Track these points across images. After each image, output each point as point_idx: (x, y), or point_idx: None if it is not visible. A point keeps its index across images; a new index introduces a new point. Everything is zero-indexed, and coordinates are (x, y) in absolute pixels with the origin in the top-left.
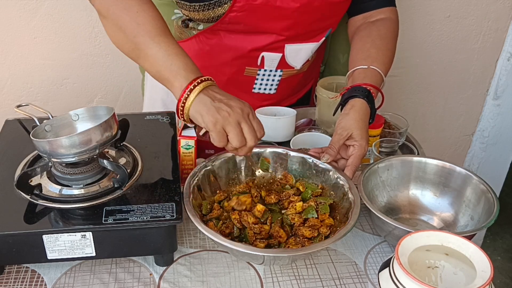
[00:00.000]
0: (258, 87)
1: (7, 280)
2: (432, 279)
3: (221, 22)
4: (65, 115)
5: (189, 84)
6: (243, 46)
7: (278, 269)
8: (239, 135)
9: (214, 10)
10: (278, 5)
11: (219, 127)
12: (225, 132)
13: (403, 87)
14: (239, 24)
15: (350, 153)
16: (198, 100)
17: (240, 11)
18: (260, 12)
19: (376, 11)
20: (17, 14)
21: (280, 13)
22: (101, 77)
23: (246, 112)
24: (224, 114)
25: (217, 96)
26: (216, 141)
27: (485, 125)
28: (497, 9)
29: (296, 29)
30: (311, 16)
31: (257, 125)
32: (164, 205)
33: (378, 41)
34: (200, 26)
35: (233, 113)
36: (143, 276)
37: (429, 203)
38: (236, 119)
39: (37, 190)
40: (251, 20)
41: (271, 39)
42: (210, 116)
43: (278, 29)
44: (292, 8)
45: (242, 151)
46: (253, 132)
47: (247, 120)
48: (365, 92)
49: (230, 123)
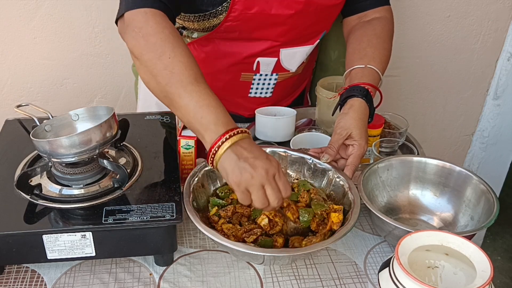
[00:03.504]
0: (254, 92)
1: (7, 280)
2: (432, 279)
3: (216, 31)
4: (65, 115)
5: (218, 139)
6: (239, 52)
7: (278, 269)
8: (261, 197)
9: (209, 21)
10: (273, 12)
11: (243, 188)
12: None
13: (403, 87)
14: (235, 32)
15: (350, 152)
16: (225, 157)
17: (235, 21)
18: (255, 21)
19: (371, 11)
20: (17, 14)
21: (275, 20)
22: (101, 77)
23: (272, 173)
24: (247, 176)
25: (244, 154)
26: (240, 200)
27: (485, 125)
28: (497, 9)
29: (291, 34)
30: (306, 21)
31: (283, 185)
32: (164, 205)
33: (374, 40)
34: (194, 35)
35: (256, 175)
36: (143, 276)
37: (429, 203)
38: (260, 182)
39: (37, 190)
40: (246, 28)
41: (267, 45)
42: (234, 176)
43: (274, 36)
44: (287, 15)
45: (267, 209)
46: (277, 194)
47: (271, 182)
48: (363, 91)
49: (253, 185)
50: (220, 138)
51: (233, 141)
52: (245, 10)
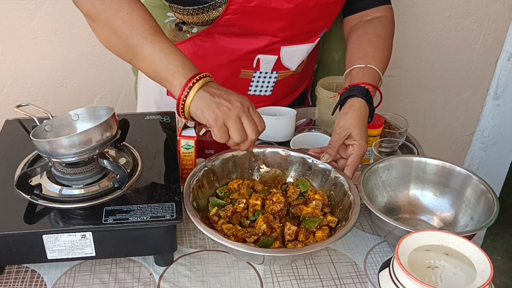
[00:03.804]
0: (253, 89)
1: (7, 280)
2: (432, 279)
3: (215, 25)
4: (65, 115)
5: (188, 81)
6: (238, 48)
7: (278, 269)
8: (239, 129)
9: (208, 14)
10: (273, 6)
11: (220, 122)
12: (226, 127)
13: (403, 87)
14: (234, 27)
15: (350, 152)
16: (198, 97)
17: (234, 14)
18: (255, 14)
19: (371, 10)
20: (17, 14)
21: (275, 14)
22: (101, 77)
23: (246, 106)
24: (224, 109)
25: (216, 92)
26: (218, 137)
27: (485, 125)
28: (497, 9)
29: (291, 30)
30: (306, 17)
31: (258, 118)
32: (164, 205)
33: (374, 40)
34: (194, 29)
35: (233, 108)
36: (143, 276)
37: (429, 203)
38: (237, 114)
39: (37, 190)
40: (245, 22)
41: (266, 41)
42: (210, 111)
43: (273, 31)
44: (287, 9)
45: (244, 145)
46: (254, 125)
47: (247, 114)
48: (363, 91)
49: (231, 118)
50: (190, 80)
51: (203, 82)
52: (245, 3)
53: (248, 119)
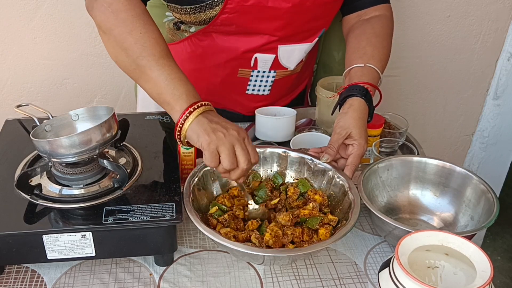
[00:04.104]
0: (251, 89)
1: (7, 280)
2: (432, 279)
3: (213, 24)
4: (65, 115)
5: (189, 106)
6: (236, 47)
7: (278, 269)
8: (231, 156)
9: (205, 13)
10: (270, 5)
11: (213, 147)
12: (218, 153)
13: (403, 87)
14: (231, 26)
15: (350, 152)
16: (196, 122)
17: (231, 13)
18: (252, 13)
19: (370, 9)
20: (17, 14)
21: (272, 13)
22: (101, 77)
23: (242, 136)
24: (219, 135)
25: (214, 119)
26: (208, 161)
27: (485, 125)
28: (497, 9)
29: (289, 29)
30: (303, 16)
31: (252, 150)
32: (164, 205)
33: (373, 39)
34: (192, 29)
35: (228, 135)
36: (143, 276)
37: (429, 203)
38: (231, 141)
39: (37, 190)
40: (243, 21)
41: (264, 40)
42: (205, 135)
43: (271, 30)
44: (284, 8)
45: (235, 174)
46: (247, 155)
47: (241, 143)
48: (362, 90)
49: (224, 144)
50: (192, 105)
51: (203, 110)
52: (241, 2)
53: (242, 148)
